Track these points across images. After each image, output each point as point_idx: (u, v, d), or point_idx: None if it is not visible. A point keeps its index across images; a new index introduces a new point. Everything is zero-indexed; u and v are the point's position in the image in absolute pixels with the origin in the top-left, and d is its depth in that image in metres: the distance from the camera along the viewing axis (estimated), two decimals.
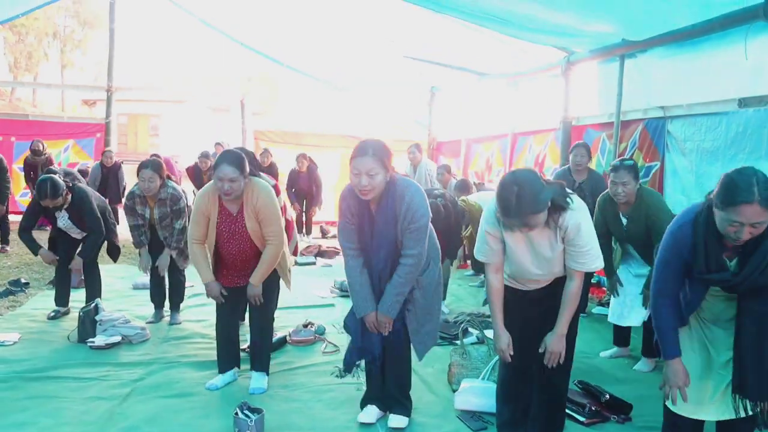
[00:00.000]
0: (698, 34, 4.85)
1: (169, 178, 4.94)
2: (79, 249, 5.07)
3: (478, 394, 3.57)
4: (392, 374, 3.34)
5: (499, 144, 8.76)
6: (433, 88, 10.98)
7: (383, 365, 3.35)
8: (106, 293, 5.41)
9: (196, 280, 5.41)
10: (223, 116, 26.93)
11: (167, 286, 5.21)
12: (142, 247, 4.98)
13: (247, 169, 3.55)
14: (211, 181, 3.64)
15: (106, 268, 5.42)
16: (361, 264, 3.16)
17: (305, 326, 4.82)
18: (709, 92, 5.02)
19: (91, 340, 4.42)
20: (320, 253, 8.38)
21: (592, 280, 5.95)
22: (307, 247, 8.61)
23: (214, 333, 4.74)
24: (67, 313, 5.22)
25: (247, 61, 35.01)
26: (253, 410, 3.18)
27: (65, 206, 4.92)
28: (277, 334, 4.52)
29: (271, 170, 9.17)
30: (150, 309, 5.32)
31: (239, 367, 3.98)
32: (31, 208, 5.00)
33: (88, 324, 4.55)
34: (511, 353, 2.92)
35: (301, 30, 9.64)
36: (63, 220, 5.00)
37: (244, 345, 4.23)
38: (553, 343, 2.84)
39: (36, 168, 8.95)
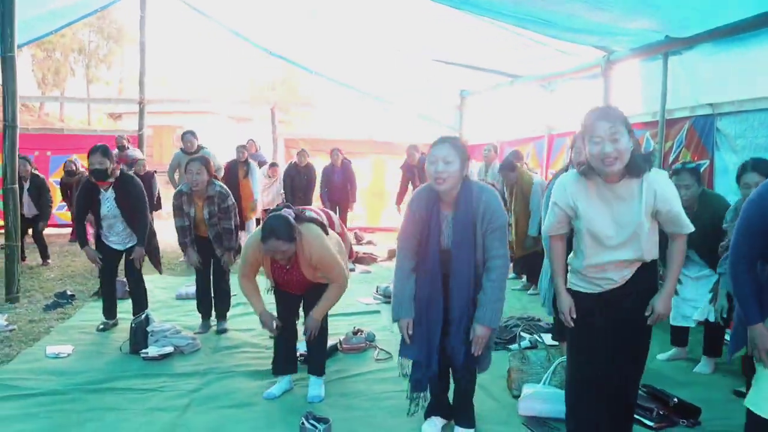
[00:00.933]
0: (747, 29, 4.75)
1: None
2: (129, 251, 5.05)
3: (544, 399, 3.51)
4: (458, 385, 3.27)
5: (534, 146, 8.68)
6: (462, 92, 10.94)
7: (446, 376, 3.29)
8: (151, 304, 5.41)
9: (239, 289, 5.42)
10: (246, 125, 27.15)
11: (213, 297, 5.21)
12: (187, 248, 4.98)
13: (295, 231, 3.49)
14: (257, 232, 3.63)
15: (148, 279, 5.42)
16: (412, 267, 3.11)
17: (355, 333, 4.78)
18: (761, 88, 4.90)
19: (144, 351, 4.42)
20: (357, 260, 8.35)
21: None
22: None
23: (263, 342, 4.85)
24: (115, 324, 5.24)
25: (268, 70, 35.36)
26: (319, 419, 3.15)
27: (112, 182, 4.86)
28: (328, 342, 4.49)
29: (308, 171, 9.20)
30: (195, 319, 5.33)
31: (296, 372, 3.95)
32: (80, 193, 4.99)
33: (140, 335, 4.56)
34: (573, 316, 2.83)
35: (329, 36, 9.68)
36: (108, 204, 4.89)
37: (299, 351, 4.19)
38: (662, 304, 2.72)
39: (71, 187, 9.06)
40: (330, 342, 4.52)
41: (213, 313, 5.24)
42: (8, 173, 5.79)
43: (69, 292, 6.13)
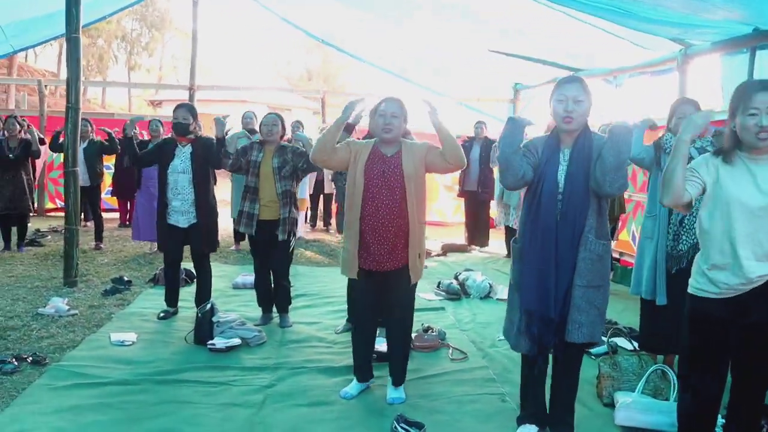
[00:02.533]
0: None
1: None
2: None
3: (645, 410, 3.29)
4: (561, 386, 3.06)
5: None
6: (516, 85, 10.67)
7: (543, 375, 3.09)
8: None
9: (297, 281, 5.27)
10: (284, 115, 27.15)
11: (273, 290, 5.05)
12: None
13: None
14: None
15: None
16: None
17: (425, 330, 4.59)
18: None
19: (211, 342, 4.28)
20: None
21: None
22: None
23: (329, 336, 4.70)
24: (176, 313, 5.13)
25: (303, 61, 35.39)
26: (411, 424, 2.97)
27: (192, 137, 4.80)
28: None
29: None
30: (254, 310, 5.19)
31: (373, 376, 3.77)
32: (156, 145, 5.08)
33: (206, 325, 4.43)
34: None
35: (381, 25, 9.50)
36: (182, 158, 4.75)
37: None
38: None
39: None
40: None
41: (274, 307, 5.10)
42: (70, 156, 5.71)
43: (125, 278, 6.04)
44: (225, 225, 6.98)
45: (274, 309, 5.07)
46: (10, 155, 7.13)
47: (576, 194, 2.85)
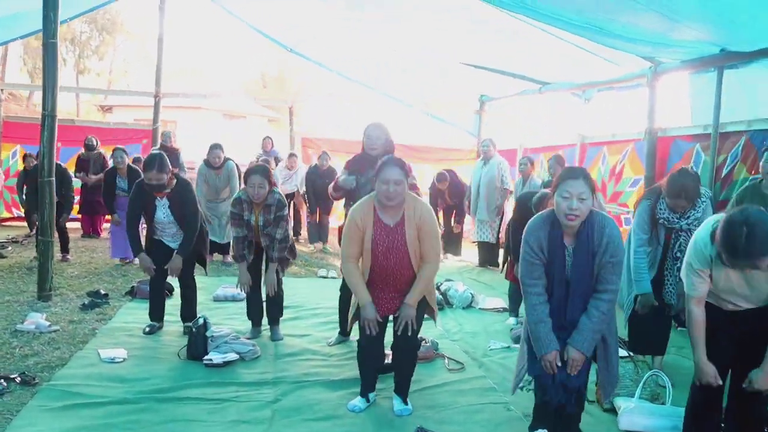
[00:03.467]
0: None
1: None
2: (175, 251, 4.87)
3: (647, 415, 3.45)
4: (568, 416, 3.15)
5: (563, 153, 8.59)
6: (482, 97, 10.86)
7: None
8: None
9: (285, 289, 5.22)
10: (239, 122, 26.80)
11: (264, 301, 5.00)
12: (243, 261, 4.75)
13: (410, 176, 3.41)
14: (368, 196, 3.52)
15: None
16: (545, 300, 3.01)
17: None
18: None
19: (207, 358, 4.21)
20: None
21: None
22: None
23: (323, 348, 4.70)
24: (161, 327, 5.02)
25: (257, 67, 35.00)
26: None
27: (168, 191, 4.73)
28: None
29: (330, 174, 8.94)
30: (240, 323, 5.15)
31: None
32: (134, 197, 4.83)
33: (200, 340, 4.35)
34: (720, 383, 2.78)
35: (347, 33, 9.51)
36: (162, 210, 4.77)
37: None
38: (762, 381, 2.69)
39: (88, 163, 8.78)
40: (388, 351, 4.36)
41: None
42: (45, 165, 5.52)
43: (102, 291, 5.87)
44: None
45: (264, 322, 5.01)
46: None
47: (582, 281, 2.94)
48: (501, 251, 8.31)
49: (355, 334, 4.88)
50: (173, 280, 5.18)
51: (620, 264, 2.94)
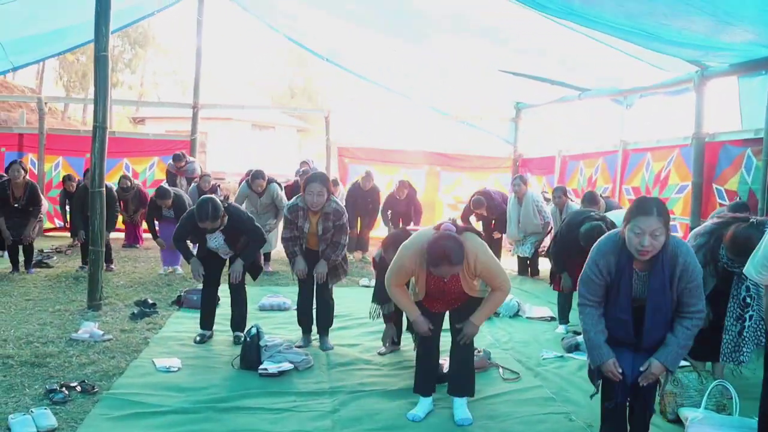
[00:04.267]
0: None
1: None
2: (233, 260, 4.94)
3: (717, 426, 3.31)
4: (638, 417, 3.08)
5: (604, 161, 8.50)
6: (518, 104, 10.80)
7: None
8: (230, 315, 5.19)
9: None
10: (269, 133, 27.02)
11: (314, 309, 5.00)
12: (296, 256, 4.78)
13: (463, 251, 3.29)
14: (421, 240, 3.43)
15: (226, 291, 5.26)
16: (600, 313, 2.96)
17: None
18: None
19: (263, 367, 4.21)
20: None
21: None
22: None
23: (374, 358, 4.67)
24: (211, 336, 5.04)
25: (285, 79, 35.35)
26: None
27: (221, 228, 4.76)
28: (446, 361, 4.28)
29: (373, 194, 8.96)
30: (288, 332, 5.16)
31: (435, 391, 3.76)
32: (183, 226, 4.86)
33: (253, 350, 4.35)
34: None
35: (382, 42, 9.53)
36: (215, 241, 4.84)
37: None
38: None
39: (127, 203, 8.91)
40: (442, 360, 4.32)
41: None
42: (96, 176, 5.60)
43: (150, 301, 5.93)
44: None
45: (314, 330, 5.01)
46: (16, 204, 7.04)
47: (660, 310, 2.86)
48: (539, 259, 8.24)
49: (406, 343, 4.90)
50: (220, 291, 5.20)
51: (699, 287, 2.85)
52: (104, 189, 5.71)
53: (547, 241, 8.14)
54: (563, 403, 3.85)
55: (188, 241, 5.07)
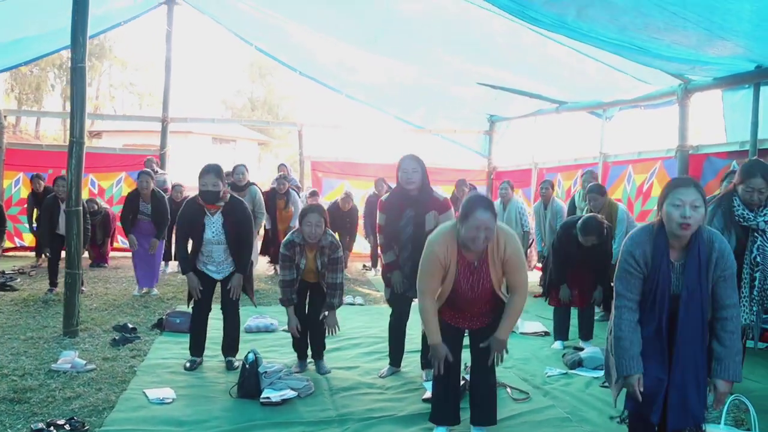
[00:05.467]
0: None
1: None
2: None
3: None
4: None
5: (582, 172, 8.53)
6: (492, 117, 10.80)
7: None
8: (218, 338, 4.91)
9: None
10: (229, 146, 26.56)
11: (309, 334, 4.78)
12: (292, 305, 4.54)
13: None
14: (447, 226, 3.33)
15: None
16: (637, 320, 2.83)
17: None
18: None
19: (265, 396, 3.98)
20: None
21: None
22: None
23: (377, 381, 4.50)
24: (201, 362, 4.78)
25: (244, 91, 34.90)
26: None
27: (222, 205, 4.53)
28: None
29: (351, 215, 8.81)
30: (281, 356, 4.96)
31: (459, 422, 3.60)
32: (182, 215, 4.62)
33: (253, 378, 4.12)
34: None
35: (357, 57, 9.42)
36: (214, 229, 4.56)
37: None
38: None
39: (95, 228, 8.54)
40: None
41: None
42: (73, 194, 5.29)
43: (130, 325, 5.62)
44: None
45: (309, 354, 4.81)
46: None
47: (694, 299, 2.76)
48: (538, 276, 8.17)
49: (405, 364, 4.74)
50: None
51: (733, 277, 2.78)
52: (81, 208, 5.38)
53: (532, 255, 8.12)
54: (579, 423, 3.76)
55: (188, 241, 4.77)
